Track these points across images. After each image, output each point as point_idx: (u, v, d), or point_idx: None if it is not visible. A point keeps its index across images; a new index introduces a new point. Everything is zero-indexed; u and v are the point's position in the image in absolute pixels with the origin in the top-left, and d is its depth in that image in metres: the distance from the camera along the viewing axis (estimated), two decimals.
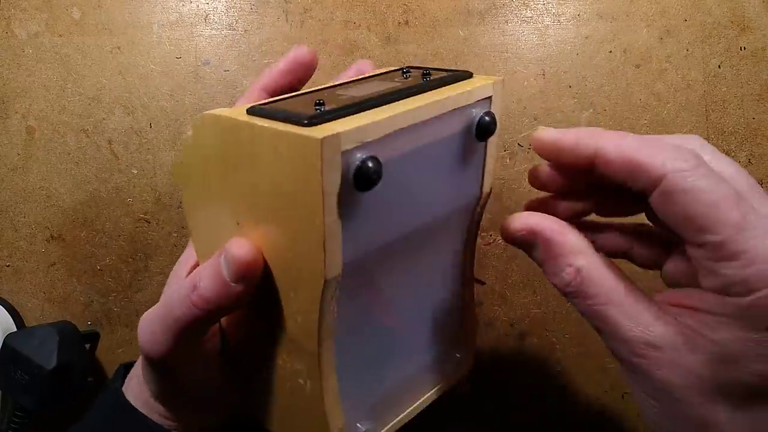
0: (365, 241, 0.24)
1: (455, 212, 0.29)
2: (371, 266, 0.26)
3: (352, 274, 0.24)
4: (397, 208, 0.25)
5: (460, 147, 0.26)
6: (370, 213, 0.23)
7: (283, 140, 0.21)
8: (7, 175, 0.54)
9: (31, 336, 0.47)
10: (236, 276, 0.24)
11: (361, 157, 0.21)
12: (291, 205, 0.22)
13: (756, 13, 0.53)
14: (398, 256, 0.27)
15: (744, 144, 0.53)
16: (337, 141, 0.20)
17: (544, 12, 0.54)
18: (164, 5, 0.54)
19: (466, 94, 0.25)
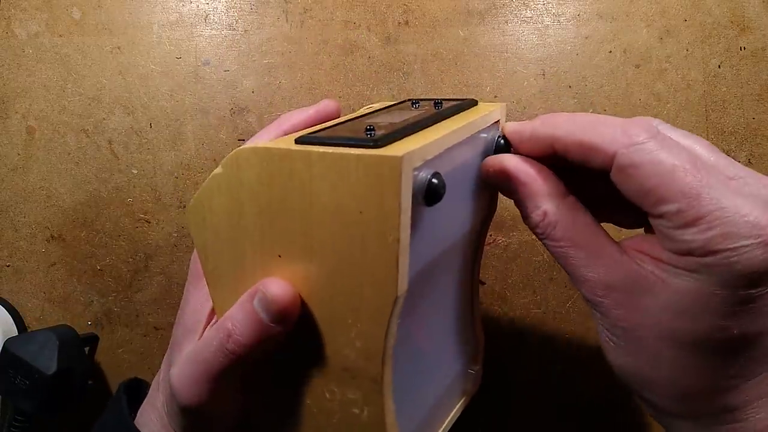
0: (422, 256, 0.25)
1: (472, 230, 0.31)
2: (418, 284, 0.26)
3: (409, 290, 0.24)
4: (443, 224, 0.26)
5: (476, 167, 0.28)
6: (428, 228, 0.24)
7: (351, 164, 0.21)
8: (7, 175, 0.54)
9: (31, 341, 0.47)
10: (277, 317, 0.24)
11: (428, 173, 0.22)
12: (356, 227, 0.22)
13: (756, 13, 0.53)
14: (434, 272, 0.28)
15: (744, 144, 0.53)
16: (411, 158, 0.21)
17: (544, 12, 0.54)
18: (164, 5, 0.54)
19: (485, 118, 0.27)
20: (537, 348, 0.53)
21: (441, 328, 0.31)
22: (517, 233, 0.53)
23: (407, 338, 0.27)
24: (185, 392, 0.26)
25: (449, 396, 0.33)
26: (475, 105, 0.29)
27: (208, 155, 0.53)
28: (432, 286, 0.29)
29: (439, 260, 0.27)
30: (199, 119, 0.54)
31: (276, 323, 0.24)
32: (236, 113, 0.54)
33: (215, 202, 0.26)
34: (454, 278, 0.32)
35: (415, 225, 0.22)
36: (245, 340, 0.24)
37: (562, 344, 0.53)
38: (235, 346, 0.24)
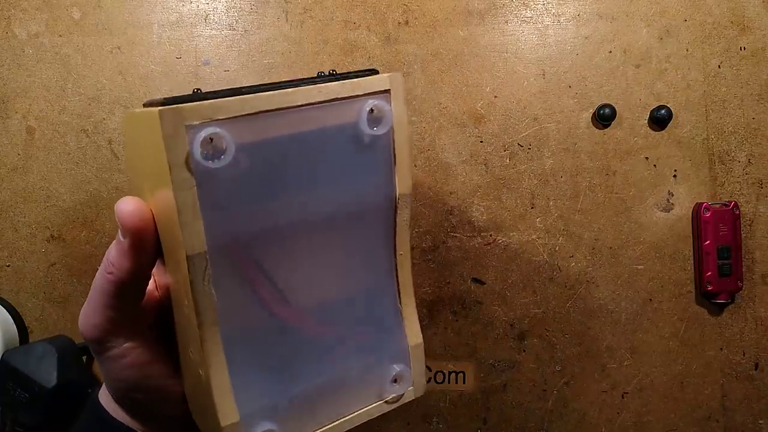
0: (240, 221, 0.24)
1: (369, 211, 0.28)
2: (263, 253, 0.25)
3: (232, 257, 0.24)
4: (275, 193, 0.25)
5: (357, 140, 0.26)
6: (239, 192, 0.23)
7: (144, 119, 0.23)
8: (7, 175, 0.54)
9: (30, 353, 0.47)
10: (123, 230, 0.25)
11: (212, 132, 0.22)
12: (159, 180, 0.23)
13: (756, 13, 0.53)
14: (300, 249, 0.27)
15: (744, 144, 0.53)
16: (177, 114, 0.21)
17: (544, 12, 0.54)
18: (164, 5, 0.54)
19: (351, 85, 0.25)
20: (537, 348, 0.53)
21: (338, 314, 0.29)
22: (517, 233, 0.53)
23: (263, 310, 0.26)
24: (83, 324, 0.28)
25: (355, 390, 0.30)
26: (375, 74, 0.27)
27: None
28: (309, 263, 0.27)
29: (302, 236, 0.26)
30: None
31: (124, 237, 0.25)
32: None
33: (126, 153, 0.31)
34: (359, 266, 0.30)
35: (211, 187, 0.22)
36: (112, 258, 0.26)
37: (562, 344, 0.53)
38: (107, 265, 0.27)
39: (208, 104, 0.22)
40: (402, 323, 0.31)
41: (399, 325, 0.31)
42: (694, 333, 0.53)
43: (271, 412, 0.27)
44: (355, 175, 0.27)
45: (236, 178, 0.23)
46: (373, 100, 0.26)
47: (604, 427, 0.53)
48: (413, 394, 0.31)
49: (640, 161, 0.53)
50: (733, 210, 0.51)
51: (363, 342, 0.30)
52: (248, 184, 0.24)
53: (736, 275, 0.51)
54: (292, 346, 0.28)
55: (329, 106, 0.25)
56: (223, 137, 0.22)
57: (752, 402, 0.53)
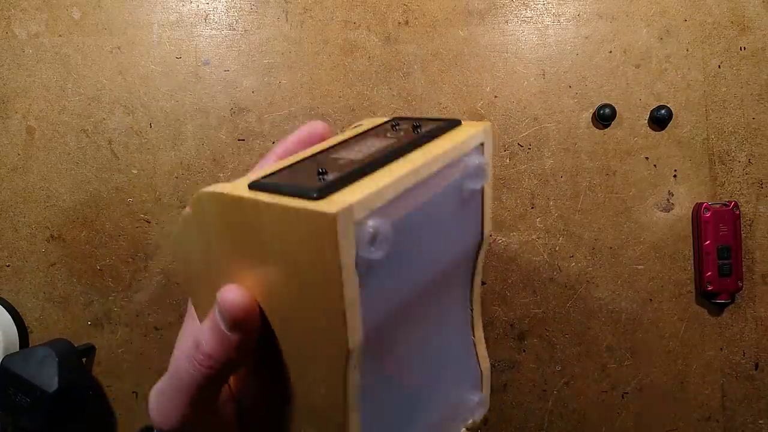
0: (383, 305, 0.24)
1: (459, 259, 0.29)
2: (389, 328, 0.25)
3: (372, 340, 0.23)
4: (409, 267, 0.25)
5: (458, 196, 0.27)
6: (385, 276, 0.23)
7: (293, 216, 0.21)
8: (7, 175, 0.54)
9: (30, 358, 0.46)
10: (230, 323, 0.23)
11: (375, 224, 0.21)
12: (305, 278, 0.22)
13: (756, 13, 0.53)
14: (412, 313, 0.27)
15: (744, 144, 0.53)
16: (350, 213, 0.20)
17: (544, 12, 0.54)
18: (164, 5, 0.54)
19: (461, 145, 0.25)
20: (537, 348, 0.53)
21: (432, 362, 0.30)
22: (517, 233, 0.53)
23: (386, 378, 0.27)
24: (159, 413, 0.26)
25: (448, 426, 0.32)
26: (458, 125, 0.27)
27: (208, 155, 0.53)
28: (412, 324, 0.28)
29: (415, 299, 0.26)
30: (199, 119, 0.54)
31: (232, 330, 0.24)
32: (236, 113, 0.54)
33: (190, 239, 0.26)
34: (445, 309, 0.31)
35: (367, 277, 0.21)
36: (210, 350, 0.24)
37: (562, 344, 0.53)
38: (203, 357, 0.24)
39: (371, 195, 0.21)
40: (476, 353, 0.33)
41: (474, 355, 0.33)
42: (694, 333, 0.53)
43: None
44: (456, 229, 0.28)
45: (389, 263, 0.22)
46: (473, 156, 0.26)
47: (604, 427, 0.53)
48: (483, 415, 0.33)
49: (640, 161, 0.53)
50: (733, 210, 0.51)
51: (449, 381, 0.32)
52: (393, 264, 0.23)
53: (736, 275, 0.51)
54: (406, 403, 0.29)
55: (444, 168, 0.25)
56: (383, 227, 0.21)
57: (752, 402, 0.53)
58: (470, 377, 0.33)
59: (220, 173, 0.53)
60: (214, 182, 0.53)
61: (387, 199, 0.21)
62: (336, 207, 0.19)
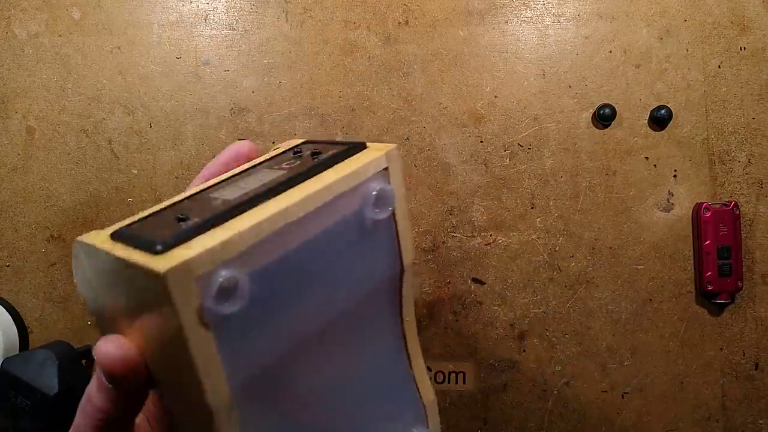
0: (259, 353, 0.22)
1: (375, 291, 0.27)
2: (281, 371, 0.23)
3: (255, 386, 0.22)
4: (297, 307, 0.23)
5: (361, 226, 0.24)
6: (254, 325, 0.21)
7: (136, 273, 0.19)
8: (7, 175, 0.54)
9: (30, 360, 0.46)
10: (109, 377, 0.22)
11: (225, 276, 0.19)
12: (162, 335, 0.20)
13: (756, 13, 0.53)
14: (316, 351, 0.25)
15: (744, 144, 0.53)
16: (186, 270, 0.18)
17: (544, 12, 0.54)
18: (164, 5, 0.54)
19: (354, 174, 0.23)
20: (537, 348, 0.53)
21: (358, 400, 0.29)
22: (517, 233, 0.53)
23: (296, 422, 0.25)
24: None
25: None
26: (362, 149, 0.25)
27: (208, 155, 0.53)
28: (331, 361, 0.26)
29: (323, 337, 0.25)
30: (199, 119, 0.54)
31: (113, 383, 0.23)
32: (236, 113, 0.54)
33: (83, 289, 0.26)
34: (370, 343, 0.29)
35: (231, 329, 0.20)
36: (99, 403, 0.23)
37: (562, 344, 0.53)
38: (92, 410, 0.24)
39: (217, 247, 0.19)
40: (415, 385, 0.31)
41: (413, 388, 0.31)
42: (694, 333, 0.53)
43: None
44: (362, 261, 0.26)
45: (252, 311, 0.21)
46: (375, 183, 0.24)
47: (604, 427, 0.53)
48: None
49: (640, 161, 0.53)
50: (733, 210, 0.51)
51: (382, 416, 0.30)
52: (261, 313, 0.21)
53: (736, 275, 0.51)
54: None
55: (334, 202, 0.23)
56: (235, 278, 0.19)
57: (752, 402, 0.53)
58: (411, 412, 0.31)
59: None
60: None
61: (241, 248, 0.20)
62: (168, 264, 0.18)
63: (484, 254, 0.53)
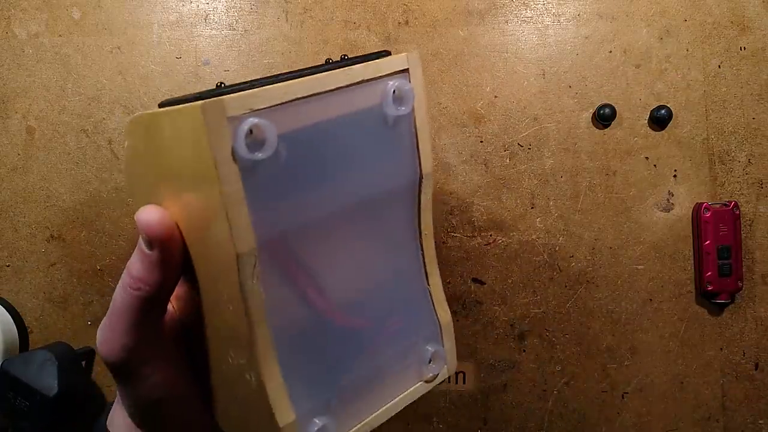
0: (283, 215, 0.23)
1: (394, 193, 0.28)
2: (302, 247, 0.25)
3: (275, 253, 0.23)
4: (314, 182, 0.24)
5: (381, 123, 0.26)
6: (281, 184, 0.23)
7: (176, 118, 0.22)
8: (7, 175, 0.54)
9: (29, 361, 0.46)
10: (147, 241, 0.24)
11: (253, 122, 0.21)
12: (195, 180, 0.22)
13: (756, 13, 0.53)
14: (336, 238, 0.26)
15: (744, 144, 0.53)
16: (219, 107, 0.20)
17: (544, 12, 0.54)
18: (164, 5, 0.54)
19: (374, 66, 0.25)
20: (537, 348, 0.53)
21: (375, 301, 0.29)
22: (517, 233, 0.53)
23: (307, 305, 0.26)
24: (103, 344, 0.26)
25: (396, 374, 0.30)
26: (386, 55, 0.27)
27: None
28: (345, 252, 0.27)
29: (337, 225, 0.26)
30: None
31: (151, 248, 0.24)
32: None
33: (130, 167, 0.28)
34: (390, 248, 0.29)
35: (256, 180, 0.21)
36: (136, 272, 0.25)
37: (562, 344, 0.53)
38: (131, 281, 0.25)
39: (248, 94, 0.21)
40: (432, 302, 0.31)
41: (429, 305, 0.31)
42: (694, 333, 0.53)
43: (323, 407, 0.27)
44: (381, 157, 0.27)
45: (277, 169, 0.22)
46: (394, 80, 0.26)
47: (604, 427, 0.53)
48: (447, 372, 0.32)
49: (640, 161, 0.53)
50: (733, 210, 0.51)
51: (398, 327, 0.30)
52: (288, 175, 0.23)
53: (736, 275, 0.51)
54: (334, 340, 0.28)
55: (356, 90, 0.25)
56: (264, 128, 0.21)
57: (752, 402, 0.53)
58: (426, 328, 0.32)
59: None
60: None
61: (272, 102, 0.22)
62: (207, 103, 0.20)
63: (484, 254, 0.53)
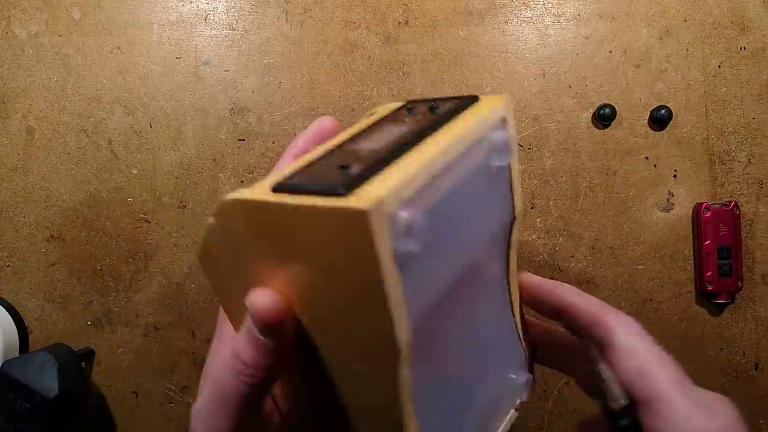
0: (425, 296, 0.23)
1: (493, 239, 0.29)
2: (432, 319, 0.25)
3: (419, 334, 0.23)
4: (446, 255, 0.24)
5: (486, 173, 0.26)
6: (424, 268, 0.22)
7: (322, 216, 0.20)
8: (7, 175, 0.54)
9: (29, 363, 0.46)
10: (263, 327, 0.23)
11: (409, 215, 0.20)
12: (344, 279, 0.21)
13: (756, 13, 0.53)
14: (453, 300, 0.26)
15: (744, 144, 0.53)
16: (382, 206, 0.19)
17: (544, 12, 0.54)
18: (164, 5, 0.54)
19: (484, 122, 0.24)
20: None
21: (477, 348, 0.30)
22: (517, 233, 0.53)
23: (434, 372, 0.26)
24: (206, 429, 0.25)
25: (497, 410, 0.32)
26: (475, 101, 0.26)
27: (208, 155, 0.53)
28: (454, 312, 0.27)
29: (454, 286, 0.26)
30: (199, 119, 0.54)
31: (266, 335, 0.23)
32: (236, 113, 0.54)
33: (216, 249, 0.25)
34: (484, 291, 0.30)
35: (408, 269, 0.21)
36: (248, 358, 0.24)
37: None
38: (243, 367, 0.24)
39: (399, 186, 0.20)
40: (518, 333, 0.32)
41: (515, 336, 0.33)
42: (694, 333, 0.53)
43: None
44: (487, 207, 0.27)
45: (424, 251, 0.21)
46: (496, 131, 0.25)
47: None
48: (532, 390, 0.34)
49: (640, 161, 0.53)
50: (733, 210, 0.51)
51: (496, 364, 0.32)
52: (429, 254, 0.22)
53: (736, 275, 0.51)
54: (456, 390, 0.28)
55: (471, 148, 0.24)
56: (416, 217, 0.20)
57: (752, 402, 0.53)
58: (514, 358, 0.32)
59: (220, 173, 0.54)
60: (214, 182, 0.53)
61: (417, 187, 0.20)
62: (366, 202, 0.18)
63: None
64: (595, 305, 0.30)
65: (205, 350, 0.53)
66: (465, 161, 0.24)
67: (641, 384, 0.27)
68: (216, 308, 0.53)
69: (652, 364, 0.27)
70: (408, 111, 0.27)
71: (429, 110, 0.26)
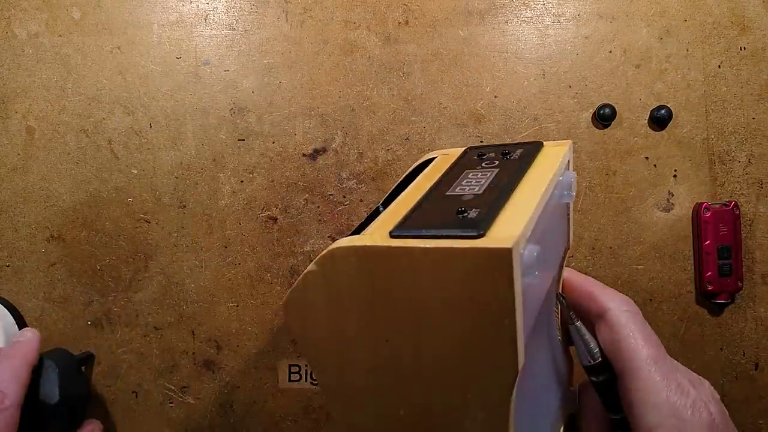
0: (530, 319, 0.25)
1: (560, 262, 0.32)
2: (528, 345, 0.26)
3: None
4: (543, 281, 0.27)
5: (557, 209, 0.29)
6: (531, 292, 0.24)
7: (457, 257, 0.21)
8: (7, 175, 0.54)
9: None
10: None
11: (530, 251, 0.22)
12: (466, 314, 0.22)
13: (756, 13, 0.53)
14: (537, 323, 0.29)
15: (744, 144, 0.53)
16: (518, 245, 0.21)
17: (544, 12, 0.54)
18: (164, 5, 0.54)
19: (560, 165, 0.28)
20: None
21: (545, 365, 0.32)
22: None
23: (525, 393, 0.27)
24: None
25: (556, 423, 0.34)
26: (541, 147, 0.29)
27: (208, 155, 0.53)
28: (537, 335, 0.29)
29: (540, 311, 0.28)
30: (199, 119, 0.54)
31: None
32: (236, 113, 0.54)
33: (313, 297, 0.26)
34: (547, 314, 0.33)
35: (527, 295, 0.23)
36: None
37: None
38: None
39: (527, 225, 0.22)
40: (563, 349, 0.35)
41: (565, 351, 0.35)
42: (694, 333, 0.53)
43: None
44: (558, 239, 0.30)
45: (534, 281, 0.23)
46: (567, 174, 0.29)
47: None
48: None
49: (640, 161, 0.53)
50: (733, 210, 0.51)
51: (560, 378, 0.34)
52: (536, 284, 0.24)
53: (736, 275, 0.51)
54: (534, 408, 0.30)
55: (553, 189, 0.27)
56: (536, 253, 0.22)
57: (752, 402, 0.53)
58: (565, 373, 0.35)
59: (220, 173, 0.54)
60: (214, 182, 0.53)
61: (533, 226, 0.23)
62: (506, 241, 0.20)
63: None
64: (590, 282, 0.33)
65: (205, 350, 0.54)
66: (550, 200, 0.27)
67: (619, 355, 0.29)
68: (216, 308, 0.54)
69: (634, 338, 0.30)
70: (479, 157, 0.29)
71: (502, 156, 0.29)
